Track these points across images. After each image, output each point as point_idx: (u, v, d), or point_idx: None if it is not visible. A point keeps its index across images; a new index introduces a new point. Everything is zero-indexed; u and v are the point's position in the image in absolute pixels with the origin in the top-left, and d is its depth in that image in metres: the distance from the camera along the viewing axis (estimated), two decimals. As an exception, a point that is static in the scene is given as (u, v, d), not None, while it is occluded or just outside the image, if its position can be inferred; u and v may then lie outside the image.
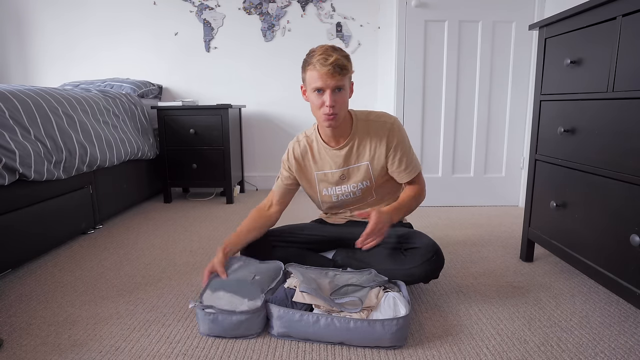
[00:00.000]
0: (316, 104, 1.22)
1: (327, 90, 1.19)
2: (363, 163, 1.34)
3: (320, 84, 1.18)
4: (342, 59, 1.17)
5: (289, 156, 1.40)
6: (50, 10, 2.93)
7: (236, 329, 1.06)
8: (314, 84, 1.20)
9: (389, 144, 1.32)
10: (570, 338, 1.06)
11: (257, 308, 1.07)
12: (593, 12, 1.16)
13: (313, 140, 1.39)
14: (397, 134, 1.32)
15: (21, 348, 1.03)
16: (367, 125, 1.34)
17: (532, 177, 1.52)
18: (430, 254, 1.21)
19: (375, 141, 1.33)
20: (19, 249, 1.49)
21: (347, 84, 1.24)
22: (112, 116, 2.19)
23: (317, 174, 1.39)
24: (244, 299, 1.09)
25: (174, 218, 2.28)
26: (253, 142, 3.07)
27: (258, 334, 1.10)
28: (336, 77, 1.17)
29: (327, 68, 1.15)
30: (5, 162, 1.38)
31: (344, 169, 1.36)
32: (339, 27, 2.87)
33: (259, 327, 1.09)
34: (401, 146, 1.33)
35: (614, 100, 1.10)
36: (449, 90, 2.35)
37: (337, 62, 1.16)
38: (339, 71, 1.16)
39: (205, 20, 2.89)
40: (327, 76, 1.16)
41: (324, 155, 1.37)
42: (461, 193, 2.47)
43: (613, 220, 1.10)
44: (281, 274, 1.24)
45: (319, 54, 1.18)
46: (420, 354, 1.00)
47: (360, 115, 1.36)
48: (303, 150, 1.39)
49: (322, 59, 1.16)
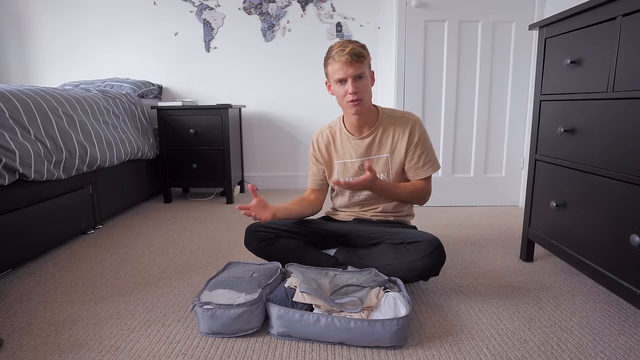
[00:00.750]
0: (340, 94, 1.31)
1: (348, 79, 1.28)
2: (383, 155, 1.41)
3: (341, 74, 1.28)
4: (358, 47, 1.27)
5: (314, 147, 1.50)
6: (50, 11, 2.93)
7: (235, 323, 1.06)
8: (336, 76, 1.29)
9: (410, 139, 1.39)
10: (570, 338, 1.06)
11: (255, 300, 1.07)
12: (593, 12, 1.16)
13: (336, 131, 1.47)
14: (420, 130, 1.40)
15: (21, 348, 1.03)
16: (392, 119, 1.42)
17: (532, 177, 1.52)
18: (433, 248, 1.22)
19: (398, 134, 1.40)
20: (19, 249, 1.49)
21: (367, 71, 1.32)
22: (112, 116, 2.19)
23: (337, 163, 1.46)
24: (241, 293, 1.10)
25: (174, 218, 2.28)
26: (253, 142, 3.07)
27: (258, 328, 1.10)
28: (355, 65, 1.26)
29: (344, 57, 1.25)
30: (5, 162, 1.38)
31: (364, 159, 1.42)
32: (339, 27, 2.87)
33: (258, 322, 1.10)
34: (422, 142, 1.40)
35: (614, 100, 1.10)
36: (449, 90, 2.35)
37: (353, 51, 1.25)
38: (356, 59, 1.25)
39: (205, 20, 2.89)
40: (346, 65, 1.26)
41: (346, 144, 1.44)
42: (461, 193, 2.47)
43: (613, 220, 1.10)
44: (279, 272, 1.25)
45: (336, 47, 1.28)
46: (420, 354, 1.00)
47: (386, 110, 1.44)
48: (326, 140, 1.48)
49: (340, 51, 1.26)
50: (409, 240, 1.28)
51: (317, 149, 1.49)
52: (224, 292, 1.11)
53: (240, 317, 1.06)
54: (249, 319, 1.08)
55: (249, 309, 1.07)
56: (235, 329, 1.07)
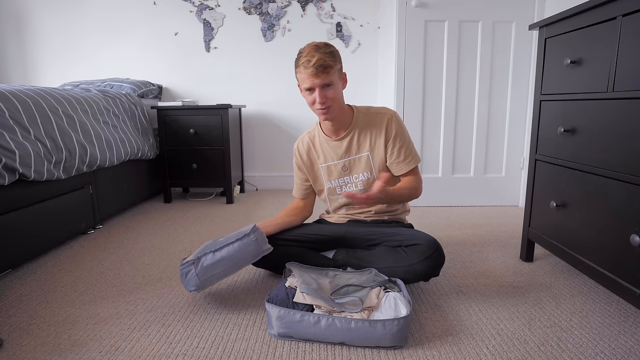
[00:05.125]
0: (309, 101, 1.31)
1: (316, 89, 1.26)
2: (364, 154, 1.40)
3: (308, 84, 1.26)
4: (325, 57, 1.23)
5: (296, 155, 1.50)
6: (49, 10, 2.93)
7: (229, 259, 1.16)
8: (304, 85, 1.28)
9: (387, 134, 1.38)
10: (570, 338, 1.06)
11: (247, 233, 1.18)
12: (593, 12, 1.16)
13: (315, 135, 1.47)
14: (396, 125, 1.38)
15: (21, 348, 1.03)
16: (367, 117, 1.41)
17: (532, 177, 1.52)
18: (431, 251, 1.22)
19: (375, 132, 1.39)
20: (19, 249, 1.49)
21: (336, 78, 1.29)
22: (112, 116, 2.19)
23: (321, 166, 1.46)
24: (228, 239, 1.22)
25: (174, 218, 2.28)
26: (253, 142, 3.07)
27: (254, 259, 1.22)
28: (321, 76, 1.24)
29: (310, 70, 1.22)
30: (5, 162, 1.38)
31: (346, 159, 1.42)
32: (339, 27, 2.87)
33: (253, 255, 1.20)
34: (400, 136, 1.38)
35: (614, 100, 1.10)
36: (449, 90, 2.35)
37: (319, 63, 1.22)
38: (322, 70, 1.23)
39: (205, 20, 2.89)
40: (312, 77, 1.24)
41: (325, 147, 1.44)
42: (461, 193, 2.47)
43: (613, 221, 1.10)
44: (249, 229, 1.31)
45: (304, 56, 1.24)
46: (421, 354, 1.00)
47: (361, 108, 1.43)
48: (307, 146, 1.48)
49: (306, 62, 1.23)
50: (407, 242, 1.28)
51: (298, 156, 1.49)
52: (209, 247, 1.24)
53: (233, 253, 1.19)
54: (244, 250, 1.20)
55: (241, 243, 1.19)
56: (230, 265, 1.19)
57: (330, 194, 1.48)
